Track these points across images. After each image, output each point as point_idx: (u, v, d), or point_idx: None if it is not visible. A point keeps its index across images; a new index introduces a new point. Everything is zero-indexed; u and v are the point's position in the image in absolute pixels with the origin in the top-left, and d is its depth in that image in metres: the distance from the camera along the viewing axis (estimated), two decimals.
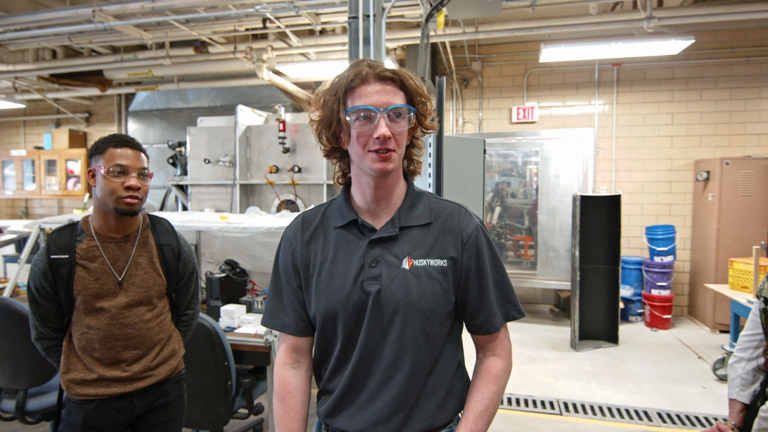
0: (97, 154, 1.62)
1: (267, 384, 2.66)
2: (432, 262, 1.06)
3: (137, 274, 1.65)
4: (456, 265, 1.08)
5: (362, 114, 1.01)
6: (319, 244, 1.12)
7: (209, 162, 4.53)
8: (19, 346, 2.43)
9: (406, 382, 1.05)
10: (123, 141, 1.63)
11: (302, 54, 5.54)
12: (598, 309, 4.70)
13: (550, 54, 4.94)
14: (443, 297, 1.06)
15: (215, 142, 4.59)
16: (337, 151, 1.12)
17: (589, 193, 4.88)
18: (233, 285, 3.04)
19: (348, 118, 1.03)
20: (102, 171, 1.59)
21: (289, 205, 4.35)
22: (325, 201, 4.16)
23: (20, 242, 4.15)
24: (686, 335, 5.08)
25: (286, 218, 3.10)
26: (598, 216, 4.69)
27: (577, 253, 4.57)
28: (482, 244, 1.11)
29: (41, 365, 2.43)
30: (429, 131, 1.13)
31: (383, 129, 1.00)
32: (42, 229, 3.35)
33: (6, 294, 3.23)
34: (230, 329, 2.74)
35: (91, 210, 1.65)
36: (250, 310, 2.96)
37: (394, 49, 5.72)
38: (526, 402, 3.51)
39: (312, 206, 1.51)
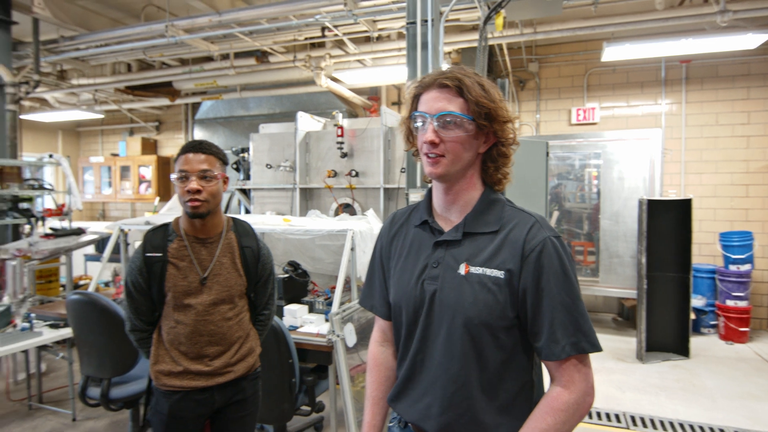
0: (176, 162, 1.73)
1: (329, 383, 2.72)
2: (488, 271, 1.03)
3: (221, 273, 1.75)
4: (513, 279, 1.02)
5: (418, 119, 1.08)
6: (401, 240, 1.20)
7: (271, 167, 4.71)
8: (103, 338, 2.62)
9: (453, 386, 1.05)
10: (189, 146, 1.71)
11: (358, 60, 5.65)
12: (666, 319, 4.46)
13: (613, 53, 4.76)
14: (496, 309, 1.02)
15: (276, 147, 4.75)
16: (417, 152, 1.17)
17: (657, 197, 4.64)
18: (295, 285, 3.13)
19: (414, 124, 1.10)
20: (173, 177, 1.70)
21: (347, 208, 4.43)
22: (381, 205, 4.22)
23: (101, 242, 4.48)
24: (766, 350, 4.71)
25: (346, 222, 3.16)
26: (667, 221, 4.45)
27: (643, 260, 4.36)
28: (548, 260, 1.01)
29: (123, 356, 2.61)
30: (509, 143, 1.09)
31: (428, 134, 1.04)
32: (122, 231, 3.60)
33: (90, 290, 3.49)
34: (293, 328, 2.83)
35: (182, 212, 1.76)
36: (311, 310, 3.04)
37: (449, 53, 5.71)
38: (589, 414, 3.39)
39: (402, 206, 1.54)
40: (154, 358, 1.75)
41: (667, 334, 4.47)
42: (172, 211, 5.65)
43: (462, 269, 1.06)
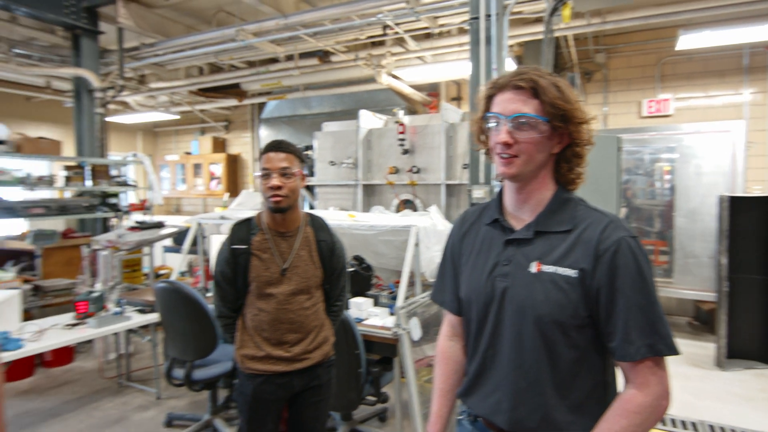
0: (259, 160, 1.86)
1: (394, 375, 2.78)
2: (561, 270, 1.04)
3: (299, 265, 1.86)
4: (586, 278, 1.02)
5: (492, 120, 1.09)
6: (472, 238, 1.23)
7: (334, 164, 4.84)
8: (187, 323, 2.83)
9: (523, 382, 1.07)
10: (270, 146, 1.83)
11: (418, 57, 5.67)
12: (750, 325, 4.17)
13: (689, 41, 4.49)
14: (568, 308, 1.03)
15: (339, 145, 4.88)
16: (489, 151, 1.19)
17: (739, 194, 4.34)
18: (360, 279, 3.22)
19: (487, 124, 1.11)
20: (257, 174, 1.82)
21: (408, 204, 4.49)
22: (443, 202, 4.23)
23: (179, 235, 4.80)
24: None
25: (410, 218, 3.21)
26: (751, 219, 4.15)
27: (724, 261, 4.09)
28: (624, 260, 1.00)
29: (204, 341, 2.81)
30: (583, 143, 1.10)
31: (502, 135, 1.05)
32: (199, 224, 3.85)
33: (172, 279, 3.77)
34: (359, 320, 2.92)
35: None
36: (376, 303, 3.12)
37: (512, 46, 5.60)
38: (663, 421, 3.25)
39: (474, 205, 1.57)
40: (239, 343, 1.88)
41: (751, 341, 4.18)
42: (241, 206, 5.94)
43: (533, 267, 1.07)
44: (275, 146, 1.83)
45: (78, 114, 5.22)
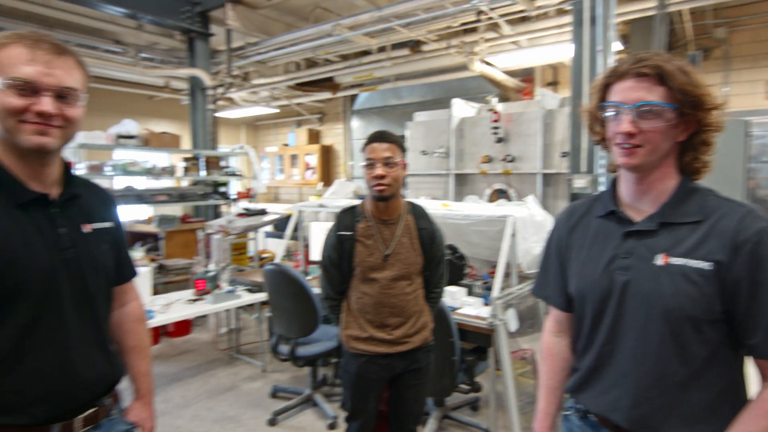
0: (363, 151, 1.94)
1: (488, 365, 2.78)
2: (693, 262, 0.98)
3: (401, 252, 1.93)
4: (723, 271, 0.96)
5: (611, 110, 1.04)
6: (581, 231, 1.19)
7: (426, 153, 4.88)
8: (291, 303, 3.04)
9: (647, 379, 1.02)
10: (374, 136, 1.91)
11: (513, 42, 5.49)
12: None
13: None
14: (701, 302, 0.97)
15: (431, 134, 4.90)
16: (604, 141, 1.15)
17: None
18: (454, 268, 3.24)
19: (604, 114, 1.07)
20: (362, 164, 1.91)
21: (501, 194, 4.40)
22: (539, 191, 4.10)
23: (280, 222, 5.14)
24: None
25: (506, 208, 3.16)
26: None
27: None
28: (766, 252, 0.95)
29: (307, 321, 3.01)
30: (712, 130, 1.03)
31: (624, 125, 1.01)
32: (300, 212, 4.09)
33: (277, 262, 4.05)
34: (452, 309, 2.95)
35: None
36: (470, 293, 3.13)
37: (617, 25, 5.22)
38: None
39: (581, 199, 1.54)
40: (344, 323, 2.00)
41: None
42: (335, 194, 6.20)
43: (659, 260, 1.02)
44: (378, 137, 1.90)
45: (193, 110, 5.75)
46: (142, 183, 5.07)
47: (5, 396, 0.99)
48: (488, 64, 5.83)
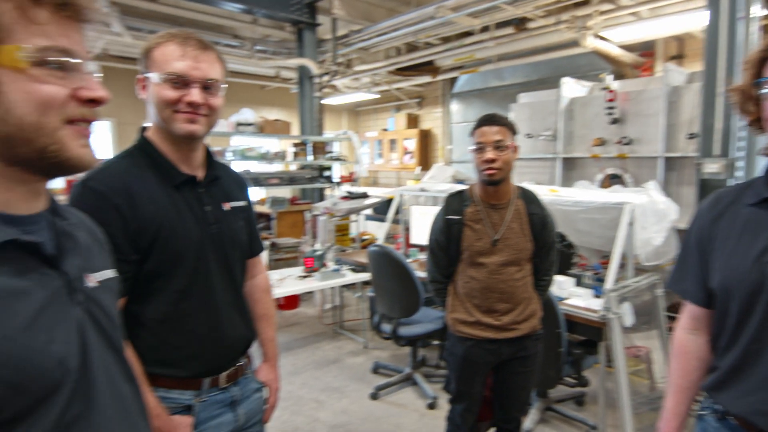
0: (471, 135, 1.92)
1: (598, 360, 2.65)
2: None
3: (510, 237, 1.90)
4: None
5: None
6: (728, 220, 1.09)
7: (531, 136, 4.68)
8: (394, 284, 3.13)
9: None
10: (483, 119, 1.88)
11: (632, 14, 5.02)
12: None
13: None
14: None
15: (537, 116, 4.69)
16: (758, 122, 1.04)
17: None
18: (562, 257, 3.10)
19: (760, 91, 0.96)
20: (471, 148, 1.89)
21: (615, 179, 4.10)
22: (660, 177, 3.75)
23: (381, 205, 5.28)
24: None
25: (623, 194, 2.95)
26: None
27: None
28: None
29: (409, 302, 3.08)
30: None
31: None
32: (401, 196, 4.17)
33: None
34: (559, 299, 2.84)
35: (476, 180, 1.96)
36: (578, 283, 2.98)
37: None
38: None
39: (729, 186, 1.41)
40: (451, 307, 2.02)
41: None
42: (433, 179, 6.21)
43: None
44: (488, 120, 1.87)
45: (301, 98, 6.07)
46: (256, 167, 5.49)
47: (168, 352, 1.15)
48: (602, 38, 5.40)
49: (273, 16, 5.67)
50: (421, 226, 3.94)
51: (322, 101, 6.43)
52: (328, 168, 5.83)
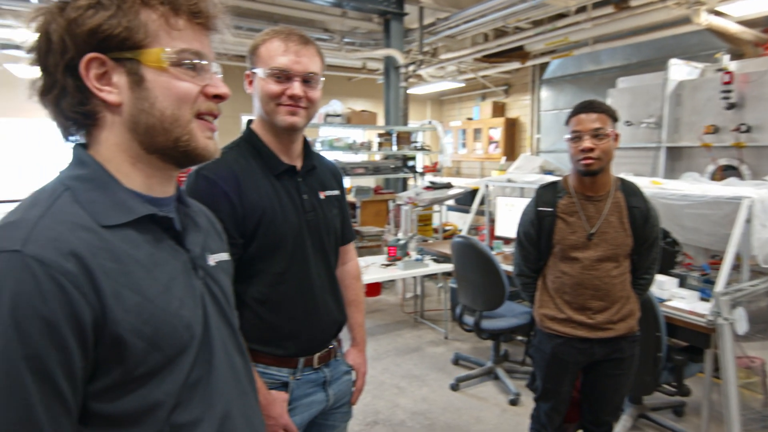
0: (567, 123, 1.82)
1: (704, 368, 2.43)
2: None
3: (608, 231, 1.79)
4: None
5: None
6: None
7: (631, 124, 4.35)
8: (478, 276, 3.09)
9: None
10: (580, 107, 1.77)
11: None
12: None
13: None
14: None
15: (638, 102, 4.34)
16: None
17: None
18: (665, 255, 2.84)
19: None
20: (566, 137, 1.79)
21: (729, 171, 3.69)
22: None
23: (464, 196, 5.21)
24: None
25: (740, 188, 2.65)
26: None
27: None
28: None
29: (493, 295, 3.02)
30: None
31: None
32: (486, 187, 4.08)
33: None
34: (660, 300, 2.63)
35: (570, 170, 1.87)
36: (682, 284, 2.75)
37: None
38: None
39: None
40: (539, 302, 1.96)
41: None
42: (519, 169, 6.00)
43: None
44: (586, 107, 1.77)
45: (387, 89, 6.12)
46: (343, 157, 5.65)
47: (268, 331, 1.23)
48: (719, 14, 4.85)
49: (362, 8, 5.75)
50: (507, 218, 3.84)
51: (408, 91, 6.44)
52: (412, 158, 5.85)
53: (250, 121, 1.29)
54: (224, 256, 0.86)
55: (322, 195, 1.33)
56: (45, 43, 0.65)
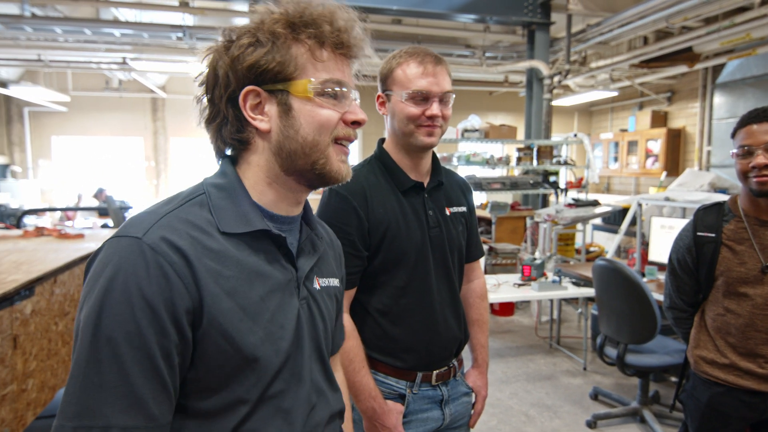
0: (733, 137, 1.57)
1: None
2: None
3: None
4: None
5: None
6: None
7: None
8: (624, 305, 2.79)
9: None
10: (751, 116, 1.51)
11: None
12: None
13: None
14: None
15: None
16: None
17: None
18: None
19: None
20: (733, 152, 1.54)
21: None
22: None
23: (615, 215, 4.76)
24: None
25: None
26: None
27: None
28: None
29: (641, 328, 2.71)
30: None
31: None
32: (639, 205, 3.68)
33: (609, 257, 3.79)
34: None
35: (740, 190, 1.61)
36: None
37: None
38: None
39: None
40: (695, 341, 1.70)
41: None
42: (683, 186, 5.29)
43: None
44: (758, 116, 1.50)
45: (529, 101, 5.92)
46: (480, 172, 5.59)
47: (388, 342, 1.27)
48: None
49: (505, 21, 5.68)
50: (663, 242, 3.41)
51: (552, 103, 6.13)
52: (555, 173, 5.53)
53: (382, 140, 1.36)
54: (335, 282, 0.88)
55: (448, 211, 1.34)
56: (213, 78, 0.73)
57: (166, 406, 0.63)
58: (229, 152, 0.78)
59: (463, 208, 1.39)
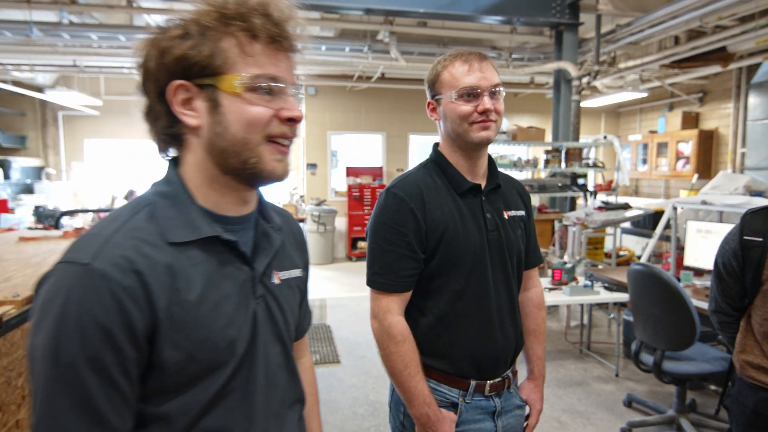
0: None
1: None
2: None
3: None
4: None
5: None
6: None
7: None
8: (660, 310, 2.73)
9: None
10: None
11: None
12: None
13: None
14: None
15: None
16: None
17: None
18: None
19: None
20: None
21: None
22: None
23: (645, 219, 4.67)
24: None
25: None
26: None
27: None
28: None
29: (679, 334, 2.65)
30: None
31: None
32: (674, 209, 3.60)
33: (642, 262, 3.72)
34: None
35: None
36: None
37: None
38: None
39: None
40: (741, 346, 1.66)
41: None
42: (716, 189, 5.16)
43: None
44: None
45: (556, 103, 5.85)
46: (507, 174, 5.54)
47: (442, 346, 1.24)
48: None
49: (532, 23, 5.62)
50: (699, 246, 3.33)
51: (580, 104, 6.05)
52: (583, 175, 5.46)
53: (436, 144, 1.34)
54: (296, 272, 0.87)
55: (506, 214, 1.30)
56: (144, 72, 0.71)
57: (128, 415, 0.66)
58: (171, 154, 0.77)
59: (522, 212, 1.35)
